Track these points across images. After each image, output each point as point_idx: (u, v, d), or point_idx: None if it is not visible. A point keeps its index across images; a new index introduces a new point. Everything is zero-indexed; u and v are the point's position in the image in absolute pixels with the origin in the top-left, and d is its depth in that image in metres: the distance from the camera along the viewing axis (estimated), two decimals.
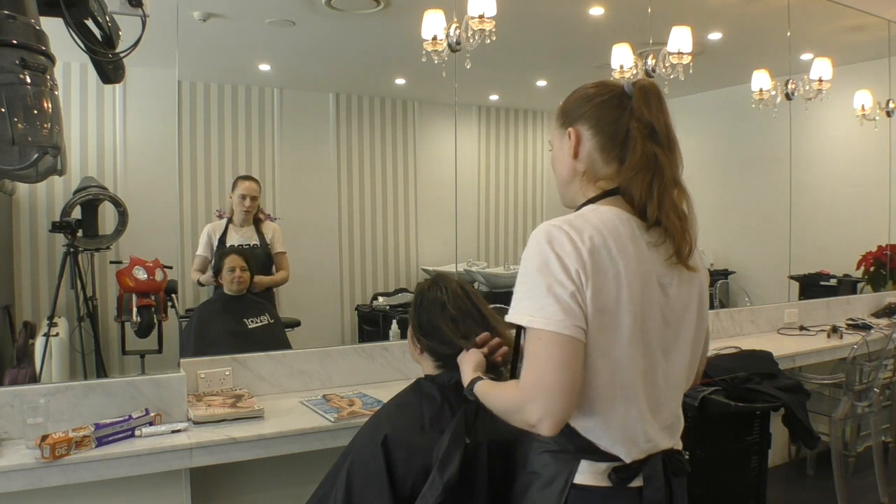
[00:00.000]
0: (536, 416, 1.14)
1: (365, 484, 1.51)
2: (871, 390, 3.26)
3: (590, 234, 1.18)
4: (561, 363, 1.13)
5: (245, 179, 3.08)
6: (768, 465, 2.32)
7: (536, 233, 1.21)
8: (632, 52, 3.51)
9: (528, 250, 1.20)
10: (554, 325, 1.13)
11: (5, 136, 1.42)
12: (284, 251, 3.09)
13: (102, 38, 1.74)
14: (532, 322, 1.16)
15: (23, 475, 1.72)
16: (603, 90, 1.30)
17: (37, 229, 2.44)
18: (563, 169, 1.33)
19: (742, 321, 3.80)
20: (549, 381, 1.13)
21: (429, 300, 1.65)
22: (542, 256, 1.17)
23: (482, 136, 4.10)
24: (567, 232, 1.17)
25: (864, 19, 4.34)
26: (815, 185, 4.57)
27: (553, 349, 1.14)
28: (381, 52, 3.61)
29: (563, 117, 1.33)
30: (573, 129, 1.30)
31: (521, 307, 1.19)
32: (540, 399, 1.14)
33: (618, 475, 1.23)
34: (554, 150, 1.36)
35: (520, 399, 1.18)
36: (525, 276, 1.19)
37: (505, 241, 4.20)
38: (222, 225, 3.05)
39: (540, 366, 1.15)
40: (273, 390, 2.47)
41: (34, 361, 2.20)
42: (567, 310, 1.14)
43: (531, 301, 1.17)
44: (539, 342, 1.15)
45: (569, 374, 1.13)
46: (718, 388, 2.17)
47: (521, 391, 1.18)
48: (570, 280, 1.15)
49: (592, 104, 1.29)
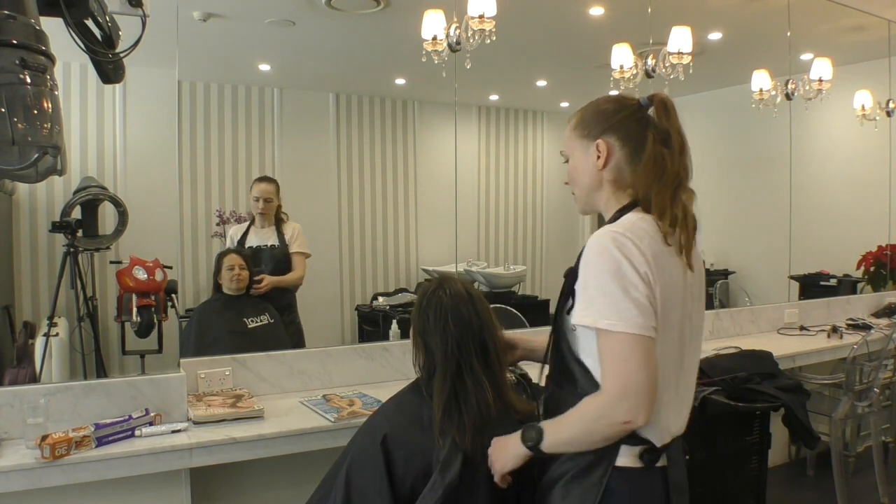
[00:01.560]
0: (631, 413, 1.24)
1: (364, 483, 1.51)
2: (871, 390, 3.26)
3: (648, 241, 1.30)
4: (645, 362, 1.24)
5: (260, 181, 3.08)
6: (768, 465, 2.32)
7: (601, 239, 1.29)
8: (632, 52, 3.51)
9: (593, 256, 1.29)
10: (635, 328, 1.24)
11: (5, 136, 1.42)
12: (302, 251, 3.07)
13: (102, 38, 1.74)
14: (614, 326, 1.24)
15: (23, 475, 1.72)
16: (623, 104, 1.43)
17: (37, 229, 2.44)
18: (588, 178, 1.44)
19: (742, 321, 3.80)
20: (637, 380, 1.24)
21: (433, 304, 1.64)
22: (615, 261, 1.26)
23: (482, 136, 4.10)
24: (631, 238, 1.28)
25: (864, 19, 4.34)
26: (816, 185, 4.57)
27: (636, 351, 1.24)
28: (381, 52, 3.61)
29: (586, 130, 1.43)
30: (602, 140, 1.40)
31: (597, 311, 1.26)
32: (631, 397, 1.23)
33: (649, 456, 1.34)
34: (574, 160, 1.47)
35: (607, 403, 1.26)
36: (598, 281, 1.27)
37: (505, 241, 4.20)
38: (244, 227, 3.07)
39: (626, 367, 1.24)
40: (273, 390, 2.47)
41: (34, 361, 2.20)
42: (644, 312, 1.25)
43: (608, 305, 1.25)
44: (621, 345, 1.24)
45: (651, 371, 1.25)
46: (718, 388, 2.16)
47: (609, 394, 1.26)
48: (644, 283, 1.26)
49: (619, 117, 1.40)
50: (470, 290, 1.66)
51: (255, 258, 3.05)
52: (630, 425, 1.25)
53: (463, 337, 1.57)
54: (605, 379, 1.27)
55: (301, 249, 3.06)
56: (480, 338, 1.59)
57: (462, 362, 1.56)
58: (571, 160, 1.48)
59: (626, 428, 1.26)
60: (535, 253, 4.29)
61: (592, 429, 1.29)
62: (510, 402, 1.61)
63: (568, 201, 1.73)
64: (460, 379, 1.56)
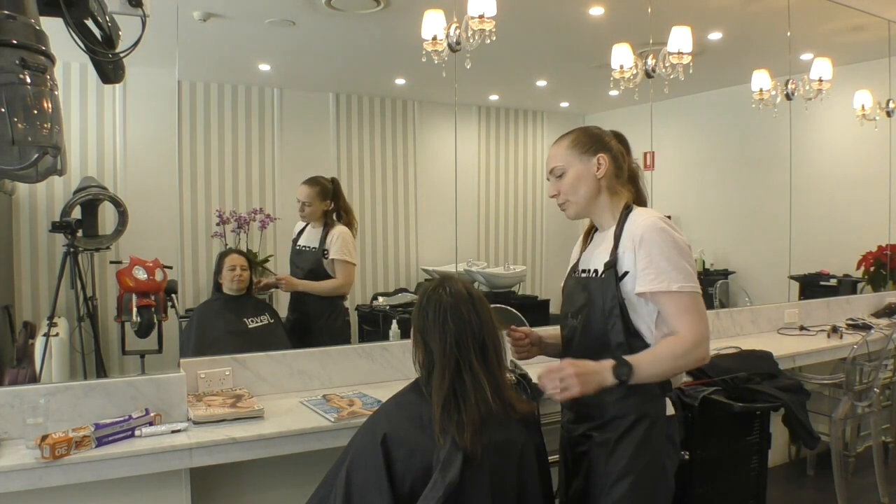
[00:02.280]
0: (707, 352, 1.68)
1: (365, 482, 1.51)
2: (871, 390, 3.27)
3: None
4: (705, 314, 1.69)
5: (302, 184, 3.06)
6: (768, 465, 2.32)
7: (653, 223, 1.68)
8: (632, 52, 3.51)
9: (654, 235, 1.66)
10: (698, 288, 1.67)
11: (5, 136, 1.42)
12: (342, 258, 3.00)
13: (102, 38, 1.74)
14: (683, 288, 1.64)
15: (23, 475, 1.72)
16: (604, 134, 1.83)
17: (37, 229, 2.44)
18: (590, 186, 1.79)
19: (742, 321, 3.80)
20: (706, 328, 1.67)
21: (433, 302, 1.64)
22: (674, 239, 1.67)
23: (482, 136, 4.10)
24: (669, 223, 1.70)
25: (864, 19, 4.34)
26: (815, 184, 4.57)
27: (701, 305, 1.68)
28: (381, 52, 3.61)
29: (584, 147, 1.79)
30: (603, 155, 1.77)
31: (669, 277, 1.64)
32: (705, 342, 1.67)
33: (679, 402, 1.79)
34: (576, 173, 1.78)
35: (693, 345, 1.64)
36: (667, 254, 1.65)
37: (505, 241, 4.20)
38: (301, 226, 3.11)
39: (699, 318, 1.66)
40: (273, 390, 2.47)
41: (34, 361, 2.20)
42: (695, 276, 1.68)
43: (679, 272, 1.64)
44: (692, 301, 1.65)
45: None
46: (718, 388, 2.16)
47: (693, 337, 1.64)
48: (690, 254, 1.70)
49: (606, 141, 1.80)
50: (471, 290, 1.66)
51: (299, 259, 3.07)
52: (704, 362, 1.68)
53: (462, 334, 1.58)
54: (682, 327, 1.64)
55: (339, 256, 2.99)
56: (480, 337, 1.59)
57: (461, 359, 1.56)
58: (569, 173, 1.79)
59: (701, 364, 1.69)
60: (535, 253, 4.29)
61: (679, 365, 1.68)
62: (510, 402, 1.61)
63: None
64: (459, 377, 1.56)
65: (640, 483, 1.65)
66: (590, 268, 1.80)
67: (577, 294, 1.82)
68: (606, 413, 1.71)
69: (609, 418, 1.70)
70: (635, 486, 1.64)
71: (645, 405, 1.68)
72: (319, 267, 3.02)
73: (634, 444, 1.66)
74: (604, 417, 1.71)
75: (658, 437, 1.68)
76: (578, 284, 1.83)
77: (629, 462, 1.66)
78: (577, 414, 1.81)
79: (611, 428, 1.70)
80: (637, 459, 1.65)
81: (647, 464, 1.66)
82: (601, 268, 1.75)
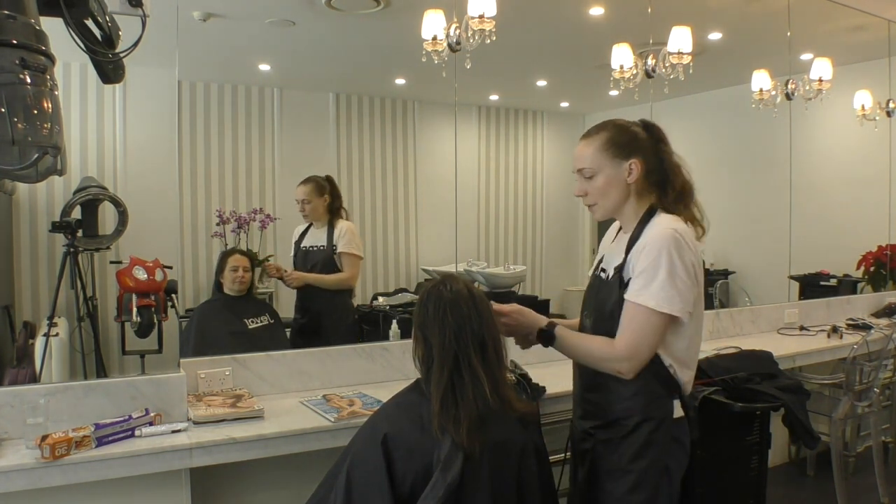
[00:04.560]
0: (632, 369, 1.66)
1: (365, 483, 1.51)
2: (871, 390, 3.26)
3: (691, 235, 1.70)
4: (656, 337, 1.66)
5: (298, 184, 3.06)
6: (768, 465, 2.32)
7: (667, 234, 1.63)
8: (632, 52, 3.51)
9: (661, 248, 1.62)
10: (680, 311, 1.65)
11: (5, 136, 1.42)
12: (348, 252, 3.01)
13: (102, 38, 1.74)
14: (660, 307, 1.63)
15: (23, 475, 1.72)
16: (637, 131, 1.75)
17: (37, 229, 2.44)
18: (620, 191, 1.74)
19: (742, 321, 3.80)
20: (647, 350, 1.67)
21: (433, 297, 1.64)
22: (679, 257, 1.62)
23: (482, 136, 4.10)
24: (685, 236, 1.65)
25: (864, 19, 4.34)
26: (815, 184, 4.57)
27: (659, 328, 1.65)
28: (381, 52, 3.61)
29: (616, 150, 1.72)
30: (635, 161, 1.72)
31: (654, 295, 1.62)
32: (639, 360, 1.65)
33: (686, 405, 1.74)
34: (607, 178, 1.73)
35: (617, 356, 1.65)
36: (665, 271, 1.61)
37: (505, 241, 4.20)
38: (302, 228, 3.10)
39: (645, 339, 1.65)
40: (273, 390, 2.47)
41: (34, 361, 2.20)
42: (690, 296, 1.66)
43: (663, 292, 1.61)
44: (651, 320, 1.64)
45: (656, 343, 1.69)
46: (718, 388, 2.16)
47: (622, 353, 1.65)
48: (696, 273, 1.68)
49: (641, 142, 1.74)
50: (471, 289, 1.66)
51: (306, 259, 3.06)
52: (622, 375, 1.65)
53: (461, 330, 1.58)
54: (622, 338, 1.64)
55: (346, 249, 3.01)
56: (479, 334, 1.59)
57: (460, 355, 1.56)
58: (600, 177, 1.74)
59: (617, 375, 1.66)
60: (535, 253, 4.29)
61: (595, 364, 1.71)
62: (508, 400, 1.61)
63: (568, 202, 1.80)
64: (457, 372, 1.56)
65: (641, 483, 1.65)
66: (607, 268, 1.81)
67: (590, 294, 1.86)
68: (611, 413, 1.71)
69: (614, 418, 1.71)
70: (636, 486, 1.65)
71: (650, 406, 1.68)
72: (330, 263, 3.02)
73: (638, 444, 1.67)
74: (608, 417, 1.72)
75: (663, 439, 1.68)
76: (594, 284, 1.86)
77: (630, 462, 1.66)
78: (584, 411, 1.82)
79: (615, 427, 1.70)
80: (639, 460, 1.66)
81: (650, 465, 1.66)
82: (612, 271, 1.76)
